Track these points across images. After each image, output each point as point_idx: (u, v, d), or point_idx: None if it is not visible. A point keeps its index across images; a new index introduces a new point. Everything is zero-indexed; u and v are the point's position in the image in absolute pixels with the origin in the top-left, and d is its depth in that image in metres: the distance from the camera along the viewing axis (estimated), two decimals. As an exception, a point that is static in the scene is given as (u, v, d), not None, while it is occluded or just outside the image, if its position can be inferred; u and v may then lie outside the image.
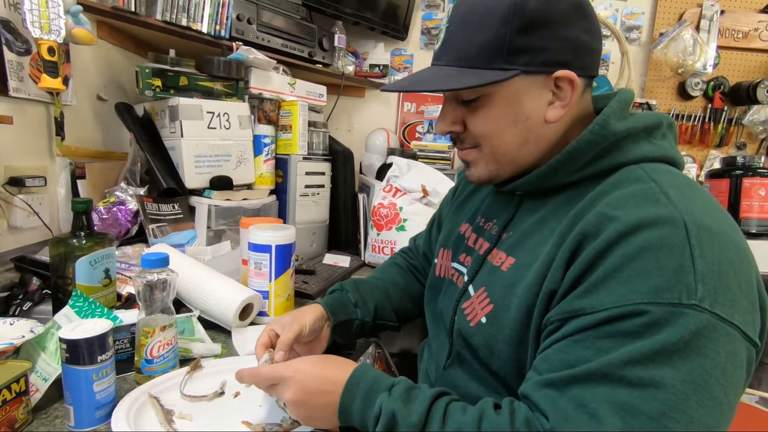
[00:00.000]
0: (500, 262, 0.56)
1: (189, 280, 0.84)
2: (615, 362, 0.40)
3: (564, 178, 0.53)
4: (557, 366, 0.44)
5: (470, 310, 0.58)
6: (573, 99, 0.53)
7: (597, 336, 0.42)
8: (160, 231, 1.06)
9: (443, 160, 1.58)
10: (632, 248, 0.42)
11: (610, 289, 0.42)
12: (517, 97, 0.53)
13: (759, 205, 1.30)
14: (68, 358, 0.52)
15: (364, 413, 0.48)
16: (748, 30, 1.81)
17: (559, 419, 0.41)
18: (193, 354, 0.71)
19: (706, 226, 0.42)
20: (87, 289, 0.72)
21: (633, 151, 0.51)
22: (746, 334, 0.41)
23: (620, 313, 0.41)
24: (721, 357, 0.39)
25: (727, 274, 0.41)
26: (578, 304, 0.44)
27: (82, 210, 0.74)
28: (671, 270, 0.40)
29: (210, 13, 1.21)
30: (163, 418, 0.54)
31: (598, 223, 0.45)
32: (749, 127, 1.85)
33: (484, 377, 0.57)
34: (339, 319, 0.71)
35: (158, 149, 1.12)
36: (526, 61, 0.51)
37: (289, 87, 1.37)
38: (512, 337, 0.51)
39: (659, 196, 0.45)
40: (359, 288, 0.77)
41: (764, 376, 1.53)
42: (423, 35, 1.84)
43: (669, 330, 0.39)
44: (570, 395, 0.41)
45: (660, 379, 0.38)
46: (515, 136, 0.54)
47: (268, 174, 1.29)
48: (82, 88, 1.10)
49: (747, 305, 0.42)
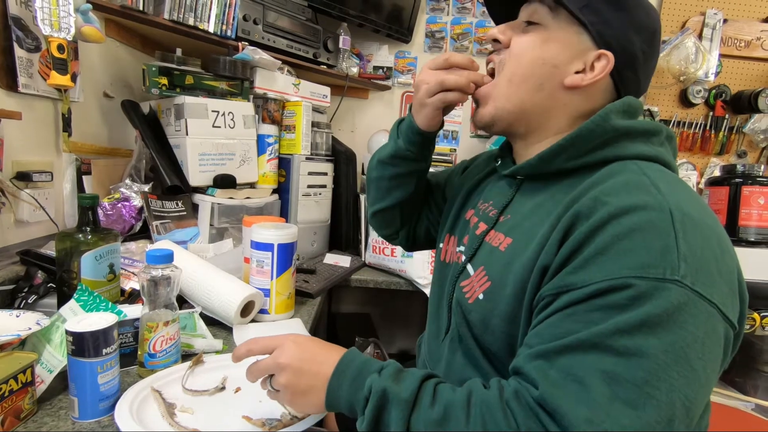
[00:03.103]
0: (498, 242, 0.59)
1: (191, 277, 0.85)
2: (603, 332, 0.42)
3: (563, 163, 0.56)
4: (548, 339, 0.45)
5: (469, 288, 0.60)
6: (595, 82, 0.56)
7: (587, 309, 0.44)
8: (163, 228, 1.07)
9: (445, 162, 1.59)
10: (622, 228, 0.45)
11: (600, 265, 0.44)
12: (561, 43, 0.57)
13: (758, 213, 1.31)
14: (74, 351, 0.53)
15: (353, 397, 0.49)
16: (751, 39, 1.82)
17: (548, 387, 0.43)
18: (195, 349, 0.72)
19: (690, 216, 0.45)
20: (92, 284, 0.73)
21: (630, 148, 0.54)
22: (725, 315, 0.44)
23: (609, 287, 0.43)
24: (701, 332, 0.42)
25: (707, 258, 0.44)
26: (570, 279, 0.46)
27: (89, 205, 0.75)
28: (657, 249, 0.43)
29: (217, 13, 1.23)
30: (165, 411, 0.56)
31: (592, 206, 0.48)
32: (750, 135, 1.86)
33: (476, 359, 0.59)
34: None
35: (163, 147, 1.13)
36: (592, 21, 0.55)
37: (294, 87, 1.38)
38: (507, 312, 0.53)
39: (650, 187, 0.48)
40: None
41: (761, 384, 1.54)
42: (427, 38, 1.85)
43: (653, 302, 0.41)
44: (560, 365, 0.43)
45: (644, 348, 0.41)
46: (536, 74, 0.58)
47: (271, 173, 1.30)
48: (90, 85, 1.11)
49: (726, 290, 0.45)
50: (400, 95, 1.89)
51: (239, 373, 0.66)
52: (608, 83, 0.58)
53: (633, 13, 0.56)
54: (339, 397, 0.50)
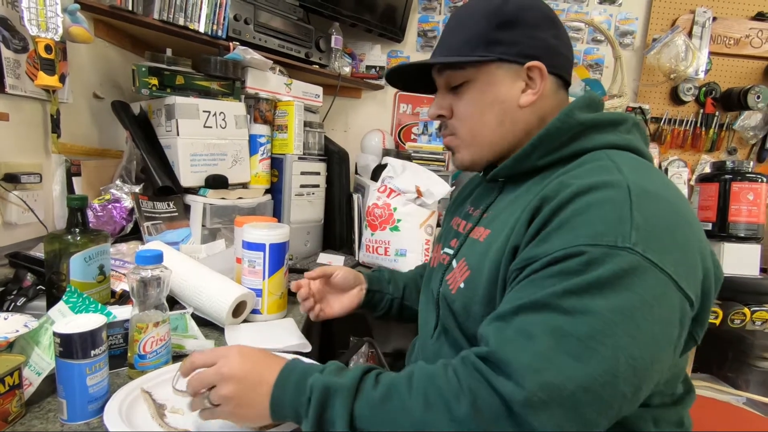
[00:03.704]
0: (479, 235, 0.63)
1: (183, 278, 0.85)
2: (554, 293, 0.45)
3: (537, 161, 0.60)
4: (506, 304, 0.48)
5: (452, 280, 0.64)
6: (543, 89, 0.61)
7: (543, 276, 0.47)
8: (154, 229, 1.06)
9: (438, 161, 1.59)
10: (581, 204, 0.48)
11: (560, 237, 0.47)
12: (495, 82, 0.62)
13: (747, 209, 1.32)
14: (62, 352, 0.53)
15: (297, 400, 0.48)
16: (740, 37, 1.84)
17: (499, 342, 0.45)
18: (186, 350, 0.72)
19: (647, 190, 0.48)
20: (81, 285, 0.73)
21: (598, 139, 0.58)
22: (678, 285, 0.45)
23: (564, 255, 0.46)
24: (649, 296, 0.44)
25: (660, 228, 0.46)
26: (532, 252, 0.49)
27: (78, 207, 0.74)
28: (611, 220, 0.46)
29: (207, 13, 1.22)
30: (155, 412, 0.55)
31: (557, 188, 0.51)
32: (740, 132, 1.88)
33: (462, 347, 0.61)
34: (373, 287, 0.83)
35: (154, 147, 1.13)
36: (502, 51, 0.61)
37: (286, 87, 1.38)
38: (484, 296, 0.56)
39: (613, 169, 0.51)
40: (393, 273, 0.91)
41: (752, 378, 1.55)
42: (420, 37, 1.85)
43: (604, 267, 0.44)
44: (514, 324, 0.46)
45: (590, 307, 0.43)
46: (493, 117, 0.63)
47: (263, 173, 1.30)
48: (79, 85, 1.11)
49: (682, 260, 0.46)
50: (393, 95, 1.89)
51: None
52: (551, 78, 0.62)
53: (525, 20, 0.61)
54: (283, 402, 0.49)
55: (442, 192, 1.31)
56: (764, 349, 1.52)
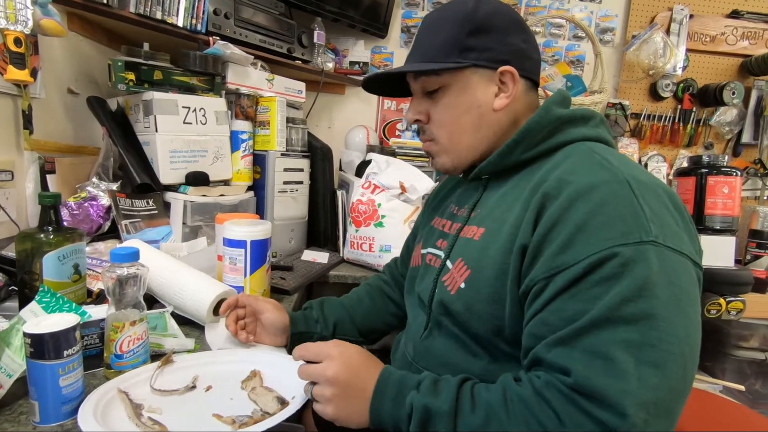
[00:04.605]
0: (473, 234, 0.63)
1: (162, 276, 0.83)
2: (610, 305, 0.45)
3: (520, 155, 0.62)
4: (560, 325, 0.48)
5: (450, 281, 0.63)
6: (515, 92, 0.64)
7: (586, 286, 0.47)
8: (133, 227, 1.04)
9: (422, 157, 1.59)
10: (592, 204, 0.50)
11: (585, 241, 0.48)
12: (469, 87, 0.64)
13: (722, 202, 1.35)
14: (32, 353, 0.51)
15: (396, 414, 0.52)
16: (715, 34, 1.88)
17: (579, 371, 0.45)
18: (165, 349, 0.71)
19: (641, 181, 0.51)
20: (55, 285, 0.71)
21: (574, 132, 0.61)
22: (693, 260, 0.50)
23: (598, 259, 0.47)
24: (684, 282, 0.47)
25: (666, 216, 0.50)
26: (560, 260, 0.49)
27: (50, 204, 0.72)
28: (628, 216, 0.48)
29: (186, 6, 1.20)
30: (132, 412, 0.54)
31: (557, 186, 0.53)
32: (716, 127, 1.93)
33: (463, 341, 0.61)
34: (299, 329, 0.78)
35: (132, 144, 1.10)
36: (476, 57, 0.63)
37: (268, 83, 1.36)
38: (489, 294, 0.56)
39: (603, 162, 0.54)
40: (323, 306, 0.85)
41: (728, 367, 1.60)
42: (403, 33, 1.85)
43: (641, 265, 0.46)
44: (581, 347, 0.46)
45: (650, 310, 0.45)
46: (470, 121, 0.65)
47: (245, 170, 1.28)
48: (52, 80, 1.07)
49: (687, 238, 0.51)
50: (377, 91, 1.88)
51: (211, 372, 0.66)
52: (522, 81, 0.65)
53: (496, 26, 0.63)
54: (382, 416, 0.53)
55: (426, 187, 1.31)
56: (740, 339, 1.56)
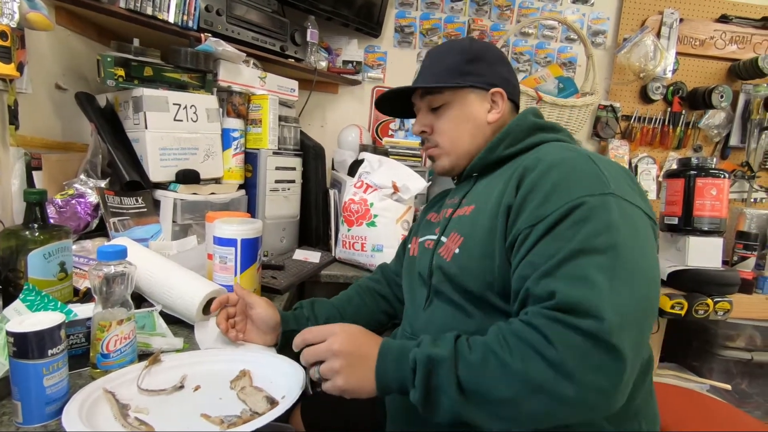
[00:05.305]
0: (463, 212, 0.73)
1: (151, 275, 0.82)
2: (582, 239, 0.54)
3: (504, 150, 0.74)
4: (543, 262, 0.56)
5: (445, 250, 0.72)
6: (503, 109, 0.79)
7: (562, 230, 0.56)
8: (122, 225, 1.03)
9: (414, 157, 1.60)
10: (563, 171, 0.61)
11: (559, 195, 0.59)
12: (467, 103, 0.79)
13: (711, 204, 1.37)
14: (15, 352, 0.50)
15: (401, 374, 0.56)
16: (705, 38, 1.91)
17: (563, 293, 0.52)
18: (153, 349, 0.70)
19: (601, 157, 0.65)
20: (40, 283, 0.70)
21: (545, 136, 0.75)
22: (647, 213, 0.61)
23: (570, 207, 0.57)
24: (640, 225, 0.58)
25: (622, 180, 0.61)
26: (540, 211, 0.59)
27: (36, 201, 0.71)
28: (591, 176, 0.60)
29: (177, 2, 1.18)
30: (118, 412, 0.53)
31: (535, 161, 0.65)
32: (705, 130, 1.95)
33: (459, 304, 0.68)
34: (290, 327, 0.80)
35: (121, 141, 1.09)
36: (473, 79, 0.78)
37: (260, 81, 1.35)
38: (481, 251, 0.65)
39: (570, 148, 0.67)
40: (314, 306, 0.89)
41: (715, 366, 1.62)
42: (396, 33, 1.85)
43: (605, 209, 0.56)
44: (562, 274, 0.54)
45: (617, 239, 0.54)
46: (467, 131, 0.79)
47: (236, 168, 1.27)
48: (40, 75, 1.06)
49: (640, 198, 0.62)
50: (370, 90, 1.88)
51: (199, 371, 0.65)
52: (508, 102, 0.80)
53: (487, 57, 0.79)
54: (388, 377, 0.57)
55: (419, 187, 1.31)
56: (727, 339, 1.58)
